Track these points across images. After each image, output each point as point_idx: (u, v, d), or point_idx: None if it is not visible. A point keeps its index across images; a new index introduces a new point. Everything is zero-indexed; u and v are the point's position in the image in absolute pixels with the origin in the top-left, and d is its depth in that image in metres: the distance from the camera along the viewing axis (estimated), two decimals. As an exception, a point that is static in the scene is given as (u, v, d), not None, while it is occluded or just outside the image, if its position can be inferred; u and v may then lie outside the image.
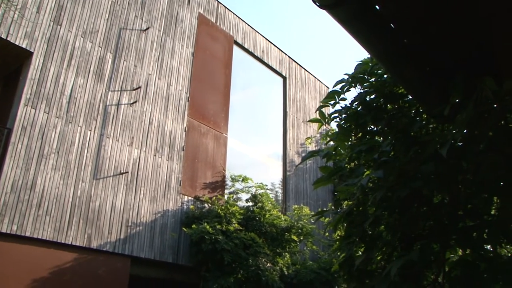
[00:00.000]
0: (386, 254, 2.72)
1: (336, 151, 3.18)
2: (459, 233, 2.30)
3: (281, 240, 10.49)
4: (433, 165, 2.21)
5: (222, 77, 12.15)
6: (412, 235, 2.53)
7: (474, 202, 2.48)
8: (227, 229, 9.39)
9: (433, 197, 2.59)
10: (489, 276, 2.05)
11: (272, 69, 14.45)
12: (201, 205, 10.33)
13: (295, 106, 14.99)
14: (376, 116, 2.98)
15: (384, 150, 2.50)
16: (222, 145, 11.49)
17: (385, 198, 2.44)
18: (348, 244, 2.74)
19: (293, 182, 13.71)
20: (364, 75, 3.25)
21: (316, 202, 14.11)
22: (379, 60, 2.58)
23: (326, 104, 3.32)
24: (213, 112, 11.55)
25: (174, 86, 10.69)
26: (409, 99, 3.17)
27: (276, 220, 10.62)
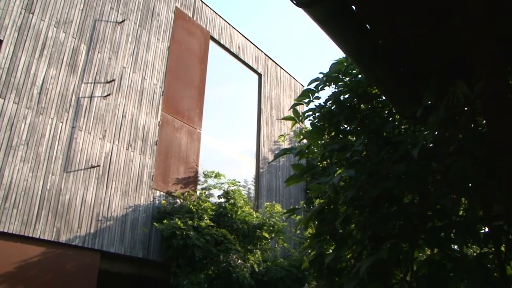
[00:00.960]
0: (356, 252, 2.75)
1: (309, 149, 3.20)
2: (427, 233, 2.34)
3: (253, 237, 10.51)
4: (404, 165, 2.24)
5: (197, 72, 12.08)
6: (382, 234, 2.56)
7: (443, 203, 2.52)
8: (199, 225, 9.35)
9: (404, 197, 2.63)
10: (455, 275, 2.09)
11: (248, 66, 14.44)
12: (173, 200, 10.27)
13: (270, 103, 15.01)
14: (349, 116, 3.01)
15: (356, 150, 2.53)
16: (196, 141, 11.43)
17: (356, 197, 2.47)
18: (319, 242, 2.76)
19: (266, 179, 13.74)
20: (338, 74, 3.27)
21: (288, 200, 14.17)
22: (354, 60, 2.61)
23: (300, 102, 3.33)
24: (188, 107, 11.48)
25: (148, 80, 10.58)
26: (383, 100, 3.21)
27: (248, 217, 10.63)
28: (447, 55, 2.81)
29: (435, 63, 2.93)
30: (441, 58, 2.88)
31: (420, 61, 2.92)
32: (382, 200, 2.47)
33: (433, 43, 2.77)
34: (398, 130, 3.09)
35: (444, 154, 2.37)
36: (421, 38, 2.73)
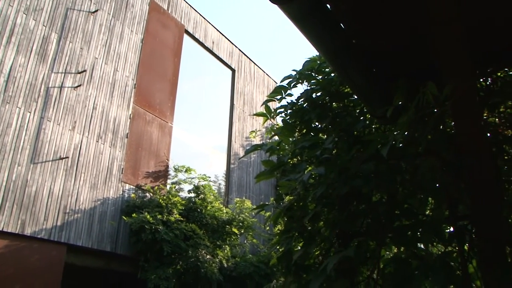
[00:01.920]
0: (324, 249, 2.77)
1: (280, 146, 3.21)
2: (395, 232, 2.38)
3: (222, 233, 10.51)
4: (373, 164, 2.27)
5: (170, 66, 11.98)
6: (350, 232, 2.59)
7: (410, 202, 2.56)
8: (168, 219, 9.29)
9: (372, 196, 2.67)
10: (420, 273, 2.13)
11: (222, 61, 14.39)
12: (142, 194, 10.17)
13: (243, 99, 15.00)
14: (321, 114, 3.02)
15: (327, 148, 2.54)
16: (167, 135, 11.34)
17: (326, 194, 2.49)
18: (287, 239, 2.77)
19: (237, 175, 13.74)
20: (311, 72, 3.28)
21: (258, 196, 14.21)
22: (327, 58, 2.62)
23: (272, 98, 3.34)
24: (160, 101, 11.37)
25: (121, 72, 10.44)
26: (354, 99, 3.24)
27: (217, 212, 10.62)
28: (419, 57, 2.85)
29: (407, 64, 2.97)
30: (413, 59, 2.92)
31: (392, 62, 2.96)
32: (351, 198, 2.50)
33: (405, 44, 2.81)
34: (369, 129, 3.12)
35: (413, 154, 2.40)
36: (394, 39, 2.77)
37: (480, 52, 2.79)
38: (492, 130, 3.63)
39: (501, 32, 2.81)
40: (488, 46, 2.88)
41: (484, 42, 2.82)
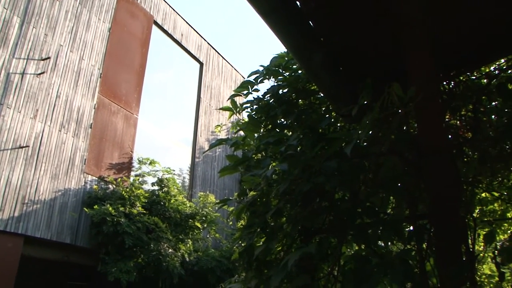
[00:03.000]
0: (285, 245, 2.78)
1: (245, 141, 3.20)
2: (356, 229, 2.40)
3: (185, 227, 10.45)
4: (336, 162, 2.28)
5: (138, 57, 11.80)
6: (312, 228, 2.60)
7: (372, 201, 2.60)
8: (131, 212, 9.18)
9: (335, 193, 2.69)
10: (379, 270, 2.15)
11: (190, 54, 14.28)
12: (105, 185, 10.02)
13: (210, 93, 14.93)
14: (286, 110, 3.03)
15: (291, 144, 2.55)
16: (132, 126, 11.19)
17: (289, 191, 2.49)
18: (249, 234, 2.77)
19: (201, 169, 13.68)
20: (279, 68, 3.29)
21: (222, 191, 14.19)
22: (295, 55, 2.63)
23: (238, 93, 3.33)
24: (126, 92, 11.20)
25: (86, 61, 10.23)
26: (321, 97, 3.26)
27: (181, 206, 10.56)
28: (386, 58, 2.89)
29: (374, 64, 3.01)
30: (379, 60, 2.96)
31: (359, 62, 2.99)
32: (314, 195, 2.52)
33: (373, 45, 2.84)
34: (334, 127, 3.15)
35: (376, 153, 2.43)
36: (361, 39, 2.80)
37: (444, 56, 2.85)
38: (453, 132, 3.72)
39: (465, 38, 2.88)
40: (452, 50, 2.94)
41: (448, 46, 2.89)
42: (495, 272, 6.74)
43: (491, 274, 7.18)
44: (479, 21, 2.73)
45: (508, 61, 3.61)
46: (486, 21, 2.73)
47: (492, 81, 3.49)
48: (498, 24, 2.78)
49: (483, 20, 2.72)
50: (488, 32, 2.87)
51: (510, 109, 3.66)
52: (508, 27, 2.81)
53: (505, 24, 2.79)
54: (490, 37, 2.92)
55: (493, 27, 2.82)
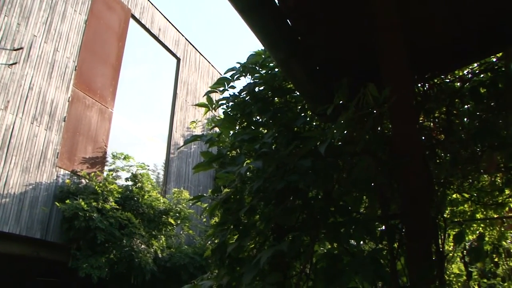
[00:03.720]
0: (258, 243, 2.79)
1: (219, 137, 3.20)
2: (329, 228, 2.42)
3: (158, 223, 10.38)
4: (310, 161, 2.29)
5: (114, 50, 11.65)
6: (285, 226, 2.61)
7: (345, 200, 2.62)
8: (103, 207, 9.07)
9: (309, 192, 2.70)
10: (350, 269, 2.17)
11: (167, 49, 14.17)
12: (78, 180, 9.87)
13: (186, 89, 14.84)
14: (262, 108, 3.03)
15: (266, 142, 2.55)
16: (107, 120, 11.05)
17: (262, 188, 2.49)
18: (222, 231, 2.76)
19: (176, 165, 13.60)
20: (255, 66, 3.29)
21: (196, 187, 14.13)
22: (272, 53, 2.63)
23: (214, 90, 3.32)
24: (101, 85, 11.05)
25: (61, 53, 10.05)
26: (297, 95, 3.27)
27: (154, 202, 10.48)
28: (362, 58, 2.91)
29: (350, 64, 3.03)
30: (356, 60, 2.98)
31: (336, 61, 3.01)
32: (288, 193, 2.52)
33: (350, 45, 2.86)
34: (309, 126, 3.16)
35: (350, 153, 2.45)
36: (338, 39, 2.81)
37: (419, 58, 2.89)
38: (426, 134, 3.78)
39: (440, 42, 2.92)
40: (427, 53, 2.98)
41: (424, 49, 2.92)
42: (463, 271, 6.88)
43: (459, 273, 7.33)
44: (454, 26, 2.77)
45: (480, 66, 3.68)
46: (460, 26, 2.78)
47: (465, 85, 3.56)
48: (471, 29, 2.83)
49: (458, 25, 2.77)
50: (462, 37, 2.92)
51: (482, 112, 3.73)
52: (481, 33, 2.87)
53: (478, 30, 2.84)
54: (463, 42, 2.97)
55: (467, 33, 2.87)
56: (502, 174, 5.04)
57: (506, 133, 3.72)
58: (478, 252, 3.98)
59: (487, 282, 6.91)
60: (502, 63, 3.45)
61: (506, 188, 5.24)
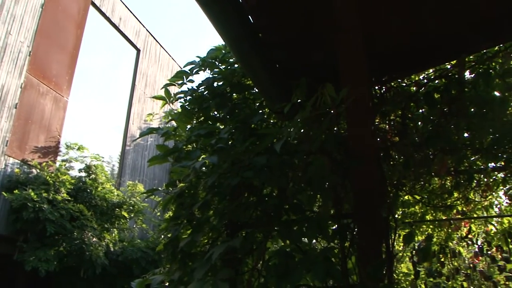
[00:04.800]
0: (211, 238, 2.78)
1: (176, 131, 3.17)
2: (282, 225, 2.43)
3: (111, 215, 10.19)
4: (266, 158, 2.29)
5: (72, 38, 11.34)
6: (239, 222, 2.61)
7: (299, 198, 2.63)
8: (54, 198, 8.82)
9: (263, 189, 2.71)
10: (302, 266, 2.19)
11: (127, 39, 13.90)
12: (28, 169, 9.56)
13: (145, 80, 14.62)
14: (220, 103, 3.02)
15: (222, 137, 2.54)
16: (61, 109, 10.75)
17: (217, 184, 2.49)
18: (175, 225, 2.74)
19: (131, 157, 13.38)
20: (215, 60, 3.28)
21: (152, 181, 13.96)
22: (232, 48, 2.62)
23: (172, 83, 3.28)
24: (57, 73, 10.73)
25: (14, 36, 9.69)
26: (255, 92, 3.27)
27: (108, 194, 10.28)
28: (321, 58, 2.94)
29: (309, 64, 3.05)
30: (315, 60, 3.01)
31: (295, 60, 3.02)
32: (242, 189, 2.52)
33: (309, 44, 2.88)
34: (266, 123, 3.17)
35: (306, 152, 2.47)
36: (299, 38, 2.82)
37: (377, 61, 2.93)
38: (381, 136, 3.85)
39: (399, 46, 2.98)
40: (385, 57, 3.04)
41: (382, 52, 2.97)
42: (412, 271, 7.08)
43: (408, 272, 7.54)
44: (411, 32, 2.83)
45: (435, 72, 3.78)
46: (418, 33, 2.84)
47: (420, 89, 3.64)
48: (428, 36, 2.90)
49: (415, 32, 2.83)
50: (419, 42, 2.98)
51: (435, 117, 3.84)
52: (437, 41, 2.94)
53: (435, 36, 2.91)
54: (421, 47, 3.03)
55: (424, 38, 2.94)
56: (452, 178, 5.20)
57: (457, 138, 3.84)
58: (426, 252, 4.10)
59: (433, 281, 7.14)
60: (455, 70, 3.56)
61: (455, 191, 5.42)
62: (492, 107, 3.60)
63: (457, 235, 7.15)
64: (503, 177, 5.60)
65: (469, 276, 7.14)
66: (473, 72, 3.71)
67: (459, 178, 5.11)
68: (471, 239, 7.24)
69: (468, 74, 3.74)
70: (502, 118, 3.75)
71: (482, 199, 6.23)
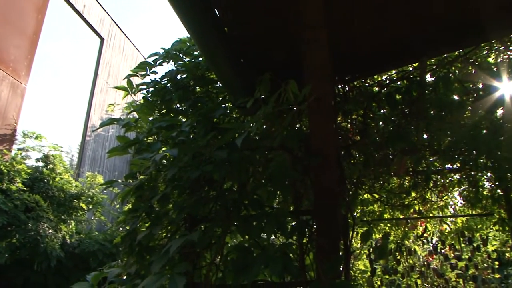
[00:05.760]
0: (170, 232, 2.75)
1: (137, 123, 3.13)
2: (241, 220, 2.42)
3: (68, 207, 9.96)
4: (227, 152, 2.28)
5: (32, 23, 11.00)
6: (198, 217, 2.59)
7: (259, 193, 2.64)
8: (8, 188, 8.55)
9: (223, 183, 2.70)
10: (260, 262, 2.19)
11: (91, 27, 13.60)
12: (-19, 158, 9.24)
13: (108, 71, 14.35)
14: (183, 96, 3.00)
15: (184, 130, 2.52)
16: (19, 96, 10.43)
17: (177, 177, 2.46)
18: (134, 218, 2.70)
19: (92, 148, 13.12)
20: (179, 53, 3.24)
21: (112, 173, 13.73)
22: (197, 41, 2.59)
23: (135, 74, 3.23)
24: (15, 58, 10.39)
25: (-31, 18, 9.33)
26: (219, 86, 3.26)
27: (66, 185, 10.04)
28: (287, 54, 2.94)
29: (274, 60, 3.05)
30: (280, 56, 3.01)
31: (260, 56, 3.01)
32: (202, 183, 2.51)
33: (274, 40, 2.88)
34: (229, 118, 3.16)
35: (267, 148, 2.47)
36: (264, 34, 2.82)
37: (342, 60, 2.96)
38: (343, 134, 3.90)
39: (363, 47, 3.02)
40: (350, 56, 3.07)
41: (347, 52, 3.00)
42: (368, 268, 7.23)
43: (365, 269, 7.69)
44: (376, 34, 2.87)
45: (398, 73, 3.84)
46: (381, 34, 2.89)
47: (382, 90, 3.70)
48: (392, 38, 2.95)
49: (379, 33, 2.87)
50: (382, 44, 3.03)
51: (396, 117, 3.91)
52: (401, 42, 2.99)
53: (399, 39, 2.96)
54: (384, 49, 3.08)
55: (387, 41, 2.98)
56: (410, 178, 5.34)
57: (416, 139, 3.92)
58: (382, 250, 4.17)
59: (389, 278, 7.31)
60: (417, 72, 3.63)
61: (413, 191, 5.56)
62: (450, 110, 3.69)
63: (413, 234, 7.35)
64: (458, 178, 5.78)
65: (423, 273, 7.36)
66: (433, 75, 3.80)
67: (417, 178, 5.24)
68: (427, 237, 7.46)
69: (429, 77, 3.82)
70: (460, 121, 3.86)
71: (438, 199, 6.42)
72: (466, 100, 3.91)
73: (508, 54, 4.19)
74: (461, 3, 2.63)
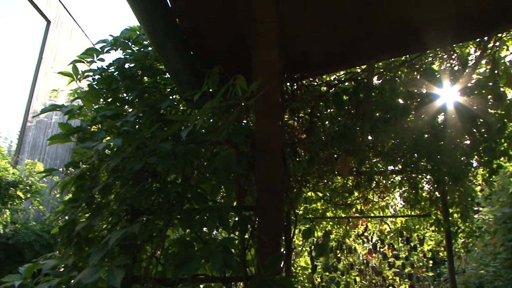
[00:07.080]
0: (111, 223, 2.70)
1: (81, 110, 3.04)
2: (183, 214, 2.41)
3: (4, 195, 9.56)
4: (172, 144, 2.26)
5: (-27, 1, 10.48)
6: (140, 208, 2.56)
7: (203, 187, 2.63)
8: None
9: (167, 176, 2.67)
10: (200, 256, 2.18)
11: (37, 8, 13.07)
12: None
13: (54, 55, 13.86)
14: (130, 85, 2.94)
15: (129, 120, 2.47)
16: (-44, 77, 9.92)
17: (120, 167, 2.42)
18: (73, 208, 2.63)
19: (32, 134, 12.66)
20: (128, 41, 3.19)
21: (53, 161, 13.30)
22: (147, 31, 2.55)
23: (81, 60, 3.14)
24: (-47, 37, 9.87)
25: None
26: (167, 77, 3.23)
27: (2, 172, 9.64)
28: (237, 49, 2.94)
29: (224, 53, 3.04)
30: (230, 50, 3.00)
31: (211, 49, 3.00)
32: (146, 174, 2.47)
33: (225, 34, 2.87)
34: (175, 110, 3.13)
35: (213, 141, 2.46)
36: (215, 27, 2.81)
37: (291, 58, 2.99)
38: (289, 132, 3.94)
39: (313, 46, 3.05)
40: (299, 54, 3.10)
41: (297, 50, 3.03)
42: (309, 265, 7.36)
43: (306, 266, 7.82)
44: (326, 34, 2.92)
45: (346, 74, 3.92)
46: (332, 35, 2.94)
47: (330, 90, 3.76)
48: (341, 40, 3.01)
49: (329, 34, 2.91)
50: (332, 45, 3.08)
51: (342, 118, 3.99)
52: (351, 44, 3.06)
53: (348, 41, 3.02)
54: (333, 50, 3.13)
55: (337, 42, 3.03)
56: (354, 178, 5.46)
57: (361, 140, 4.02)
58: (323, 247, 4.25)
59: (329, 275, 7.46)
60: (365, 75, 3.72)
61: (356, 191, 5.70)
62: (395, 114, 3.80)
63: (354, 233, 7.54)
64: (400, 180, 5.98)
65: (362, 271, 7.56)
66: (380, 78, 3.90)
67: (360, 178, 5.37)
68: (367, 236, 7.67)
69: (376, 79, 3.92)
70: (403, 124, 3.98)
71: (379, 200, 6.61)
72: (410, 104, 4.03)
73: (451, 62, 4.36)
74: (408, 12, 2.72)
